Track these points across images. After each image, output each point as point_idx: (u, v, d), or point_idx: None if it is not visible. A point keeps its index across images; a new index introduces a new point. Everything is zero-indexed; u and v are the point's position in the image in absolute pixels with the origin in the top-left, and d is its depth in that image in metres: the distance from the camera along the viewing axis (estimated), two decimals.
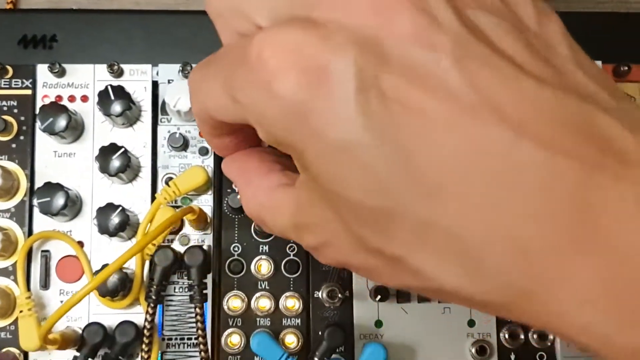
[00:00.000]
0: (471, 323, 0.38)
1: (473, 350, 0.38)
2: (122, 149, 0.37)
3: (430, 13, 0.21)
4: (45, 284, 0.38)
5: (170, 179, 0.38)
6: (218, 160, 0.39)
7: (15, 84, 0.39)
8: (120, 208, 0.36)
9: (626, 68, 0.39)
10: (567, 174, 0.19)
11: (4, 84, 0.39)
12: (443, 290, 0.22)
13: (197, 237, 0.39)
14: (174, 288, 0.38)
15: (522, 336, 0.38)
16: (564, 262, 0.19)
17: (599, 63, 0.39)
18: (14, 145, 0.39)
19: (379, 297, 0.37)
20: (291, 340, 0.38)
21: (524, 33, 0.22)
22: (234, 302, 0.38)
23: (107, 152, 0.37)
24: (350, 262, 0.24)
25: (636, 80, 0.40)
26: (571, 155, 0.19)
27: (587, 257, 0.19)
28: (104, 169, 0.37)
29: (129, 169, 0.37)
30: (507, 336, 0.38)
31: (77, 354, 0.36)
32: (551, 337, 0.38)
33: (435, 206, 0.20)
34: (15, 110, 0.39)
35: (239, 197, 0.31)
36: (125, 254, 0.33)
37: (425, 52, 0.20)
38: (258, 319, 0.38)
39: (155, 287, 0.36)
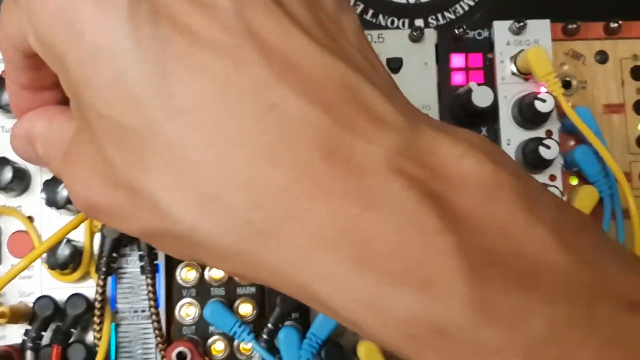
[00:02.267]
0: None
1: None
2: None
3: None
4: None
5: None
6: None
7: None
8: None
9: (575, 26, 0.39)
10: (319, 123, 0.19)
11: None
12: (181, 232, 0.20)
13: None
14: (126, 260, 0.38)
15: None
16: (303, 202, 0.18)
17: (547, 22, 0.39)
18: None
19: None
20: (246, 309, 0.38)
21: (317, 10, 0.22)
22: (187, 273, 0.38)
23: None
24: (95, 200, 0.22)
25: (585, 38, 0.40)
26: (326, 110, 0.19)
27: (328, 199, 0.18)
28: None
29: None
30: None
31: (29, 327, 0.36)
32: None
33: (181, 130, 0.19)
34: None
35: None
36: (71, 222, 0.32)
37: None
38: (212, 289, 0.38)
39: (105, 259, 0.36)
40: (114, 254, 0.36)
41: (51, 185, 0.36)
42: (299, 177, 0.19)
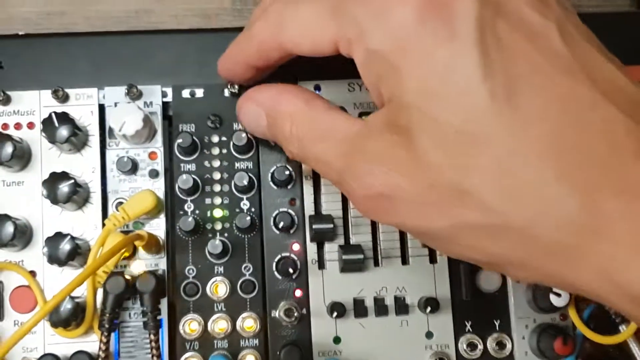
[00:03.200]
0: (429, 335, 0.38)
1: None
2: (72, 179, 0.36)
3: None
4: None
5: (121, 203, 0.38)
6: (169, 182, 0.39)
7: None
8: (69, 236, 0.36)
9: None
10: (635, 133, 0.22)
11: None
12: (508, 227, 0.23)
13: (150, 261, 0.38)
14: (129, 314, 0.38)
15: (480, 346, 0.38)
16: (632, 208, 0.21)
17: None
18: None
19: (335, 313, 0.37)
20: None
21: (591, 38, 0.26)
22: (190, 326, 0.38)
23: (54, 180, 0.36)
24: (396, 194, 0.25)
25: None
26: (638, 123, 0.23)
27: None
28: (52, 197, 0.36)
29: (76, 196, 0.36)
30: (465, 347, 0.38)
31: None
32: (509, 346, 0.38)
33: (525, 141, 0.22)
34: None
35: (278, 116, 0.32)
36: (74, 281, 0.32)
37: (537, 15, 0.24)
38: (216, 341, 0.38)
39: (107, 315, 0.36)
40: (117, 310, 0.36)
41: (53, 241, 0.36)
42: (628, 186, 0.22)
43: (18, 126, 0.39)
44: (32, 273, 0.38)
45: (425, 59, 0.24)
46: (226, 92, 0.38)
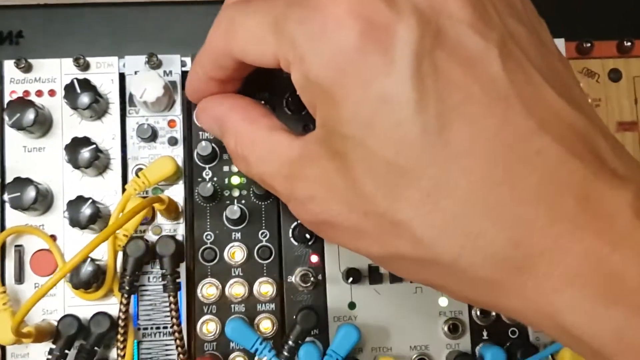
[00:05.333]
0: (443, 302, 0.39)
1: (446, 329, 0.38)
2: (93, 144, 0.37)
3: (484, 8, 0.24)
4: (19, 279, 0.38)
5: (140, 170, 0.38)
6: (188, 149, 0.39)
7: None
8: (91, 200, 0.37)
9: (589, 45, 0.40)
10: (575, 170, 0.21)
11: None
12: (436, 262, 0.23)
13: (169, 227, 0.39)
14: (148, 278, 0.38)
15: (493, 313, 0.39)
16: (562, 241, 0.21)
17: (562, 41, 0.39)
18: None
19: (351, 279, 0.38)
20: (266, 325, 0.38)
21: (548, 55, 0.25)
22: (208, 290, 0.38)
23: (75, 145, 0.37)
24: (336, 221, 0.25)
25: (599, 56, 0.40)
26: (579, 158, 0.22)
27: (582, 239, 0.21)
28: (74, 162, 0.37)
29: (97, 161, 0.37)
30: (478, 313, 0.39)
31: (54, 346, 0.36)
32: None
33: (454, 173, 0.22)
34: None
35: (230, 138, 0.30)
36: (94, 240, 0.32)
37: (477, 38, 0.23)
38: (233, 306, 0.38)
39: (128, 277, 0.36)
40: (137, 273, 0.37)
41: (74, 205, 0.37)
42: (558, 218, 0.21)
43: (39, 93, 0.39)
44: (53, 237, 0.38)
45: (361, 88, 0.23)
46: None
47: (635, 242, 0.20)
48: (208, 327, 0.38)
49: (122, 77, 0.39)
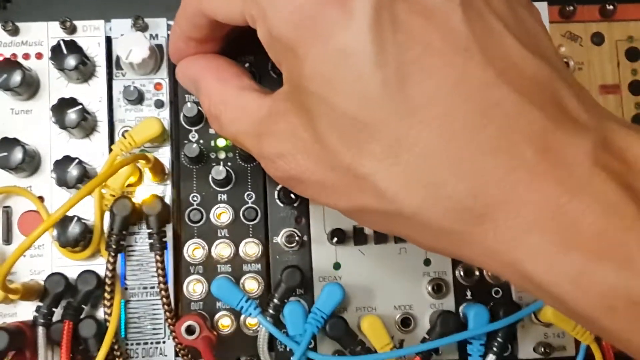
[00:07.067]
0: (427, 262, 0.39)
1: (429, 289, 0.39)
2: (79, 104, 0.37)
3: None
4: (7, 239, 0.38)
5: (127, 132, 0.39)
6: (175, 112, 0.40)
7: None
8: (77, 160, 0.37)
9: (571, 8, 0.40)
10: (534, 120, 0.21)
11: None
12: (400, 214, 0.23)
13: (156, 188, 0.39)
14: (135, 238, 0.39)
15: (477, 273, 0.39)
16: (520, 190, 0.21)
17: (544, 4, 0.39)
18: None
19: (336, 239, 0.38)
20: (252, 285, 0.39)
21: (515, 6, 0.24)
22: (194, 251, 0.39)
23: (62, 105, 0.37)
24: (304, 176, 0.25)
25: (581, 20, 0.41)
26: (539, 107, 0.22)
27: (540, 188, 0.21)
28: (61, 122, 0.37)
29: (84, 122, 0.37)
30: (462, 273, 0.39)
31: (41, 304, 0.36)
32: None
33: (414, 126, 0.22)
34: None
35: (202, 96, 0.30)
36: (79, 192, 0.32)
37: None
38: (219, 266, 0.39)
39: (114, 236, 0.37)
40: (124, 232, 0.37)
41: (62, 165, 0.37)
42: (516, 168, 0.21)
43: (26, 56, 0.39)
44: (40, 198, 0.39)
45: (321, 43, 0.23)
46: None
47: (593, 189, 0.21)
48: (195, 287, 0.38)
49: (108, 40, 0.40)
